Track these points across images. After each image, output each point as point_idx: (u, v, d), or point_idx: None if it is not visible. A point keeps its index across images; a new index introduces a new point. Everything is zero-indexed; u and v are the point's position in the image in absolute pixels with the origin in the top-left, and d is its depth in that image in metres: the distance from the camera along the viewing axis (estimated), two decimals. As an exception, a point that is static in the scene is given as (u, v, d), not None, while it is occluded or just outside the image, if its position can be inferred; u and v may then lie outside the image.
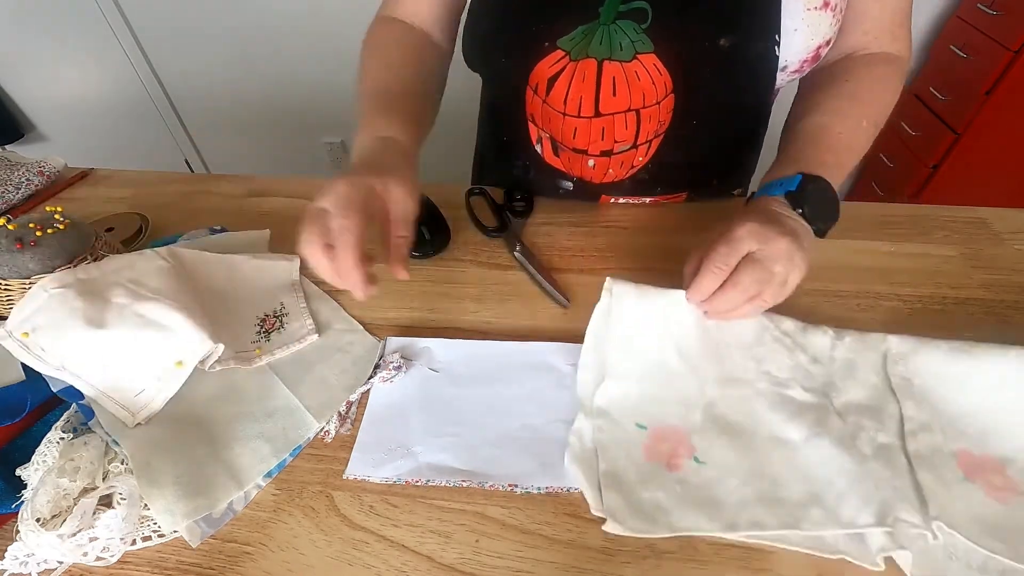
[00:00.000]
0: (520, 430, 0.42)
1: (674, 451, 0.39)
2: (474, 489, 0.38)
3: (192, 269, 0.49)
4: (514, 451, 0.40)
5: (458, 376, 0.46)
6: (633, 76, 0.50)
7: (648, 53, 0.50)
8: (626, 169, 0.59)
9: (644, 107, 0.52)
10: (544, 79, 0.53)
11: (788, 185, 0.46)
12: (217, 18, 1.70)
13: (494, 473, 0.39)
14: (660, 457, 0.39)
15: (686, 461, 0.38)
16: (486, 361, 0.47)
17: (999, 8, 1.33)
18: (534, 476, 0.39)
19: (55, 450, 0.37)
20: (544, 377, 0.45)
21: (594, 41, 0.50)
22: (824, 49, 0.51)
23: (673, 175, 0.61)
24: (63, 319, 0.40)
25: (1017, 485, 0.36)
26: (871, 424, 0.39)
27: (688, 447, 0.39)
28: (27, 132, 2.08)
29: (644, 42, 0.49)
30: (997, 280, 0.53)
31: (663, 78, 0.51)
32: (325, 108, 1.89)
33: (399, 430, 0.42)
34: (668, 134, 0.55)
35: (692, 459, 0.38)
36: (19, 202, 0.68)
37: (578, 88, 0.52)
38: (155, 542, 0.36)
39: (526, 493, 0.38)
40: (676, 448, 0.39)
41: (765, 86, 0.52)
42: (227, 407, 0.43)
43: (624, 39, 0.49)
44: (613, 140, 0.55)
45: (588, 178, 0.60)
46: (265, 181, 0.71)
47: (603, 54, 0.50)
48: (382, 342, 0.49)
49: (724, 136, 0.60)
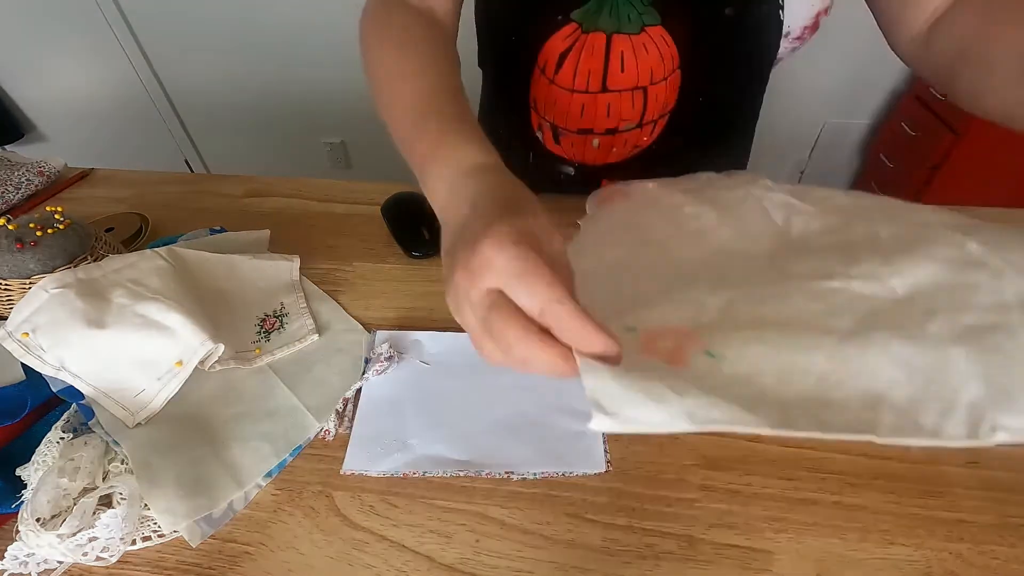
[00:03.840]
0: (513, 418, 0.42)
1: (678, 345, 0.27)
2: (474, 489, 0.38)
3: (192, 269, 0.49)
4: (508, 439, 0.41)
5: (449, 368, 0.46)
6: (641, 49, 0.51)
7: (656, 25, 0.51)
8: (629, 148, 0.59)
9: (652, 83, 0.53)
10: (555, 55, 0.53)
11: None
12: (217, 18, 1.70)
13: (490, 462, 0.39)
14: (658, 354, 0.27)
15: (695, 356, 0.26)
16: (476, 352, 0.47)
17: (999, 8, 1.33)
18: (530, 463, 0.39)
19: (55, 450, 0.37)
20: None
21: (603, 14, 0.51)
22: (822, 16, 0.52)
23: (676, 157, 0.61)
24: (63, 319, 0.40)
25: None
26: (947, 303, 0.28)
27: (696, 340, 0.27)
28: (27, 132, 2.08)
29: (651, 14, 0.50)
30: (997, 280, 0.52)
31: (670, 51, 0.51)
32: (325, 108, 1.89)
33: (394, 424, 0.42)
34: (674, 114, 0.56)
35: (704, 353, 0.26)
36: (19, 202, 0.68)
37: (587, 62, 0.53)
38: (155, 542, 0.36)
39: (522, 479, 0.38)
40: (681, 343, 0.27)
41: (769, 53, 0.53)
42: (227, 407, 0.43)
43: (632, 11, 0.50)
44: (619, 118, 0.56)
45: (591, 161, 0.61)
46: (265, 181, 0.71)
47: (612, 27, 0.51)
48: (371, 335, 0.49)
49: (727, 116, 0.60)
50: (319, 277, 0.56)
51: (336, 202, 0.67)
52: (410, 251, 0.57)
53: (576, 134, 0.58)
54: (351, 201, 0.67)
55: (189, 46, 1.78)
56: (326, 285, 0.55)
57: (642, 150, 0.59)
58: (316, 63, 1.76)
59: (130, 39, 1.78)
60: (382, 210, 0.62)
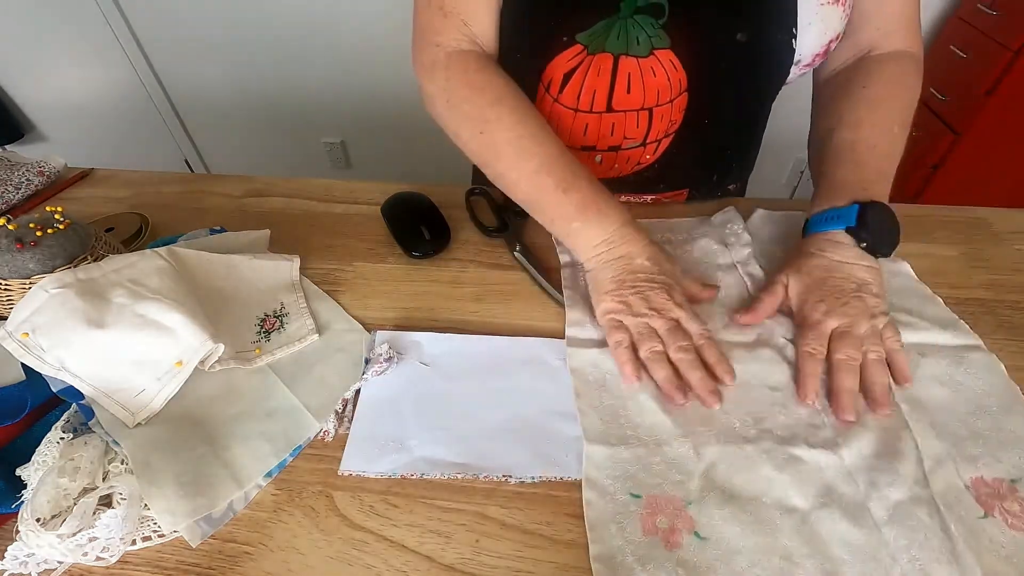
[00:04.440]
0: (512, 421, 0.42)
1: (672, 526, 0.35)
2: (474, 489, 0.38)
3: (192, 269, 0.49)
4: (507, 442, 0.41)
5: (448, 370, 0.46)
6: (649, 72, 0.51)
7: (665, 49, 0.50)
8: (632, 165, 0.59)
9: (658, 105, 0.52)
10: (559, 75, 0.53)
11: (847, 218, 0.46)
12: (217, 18, 1.70)
13: (488, 464, 0.39)
14: (658, 533, 0.35)
15: (686, 537, 0.34)
16: (476, 355, 0.47)
17: (999, 8, 1.33)
18: (528, 466, 0.39)
19: (55, 450, 0.37)
20: (534, 370, 0.46)
21: (611, 36, 0.50)
22: (834, 43, 0.52)
23: (678, 173, 0.61)
24: (63, 319, 0.40)
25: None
26: (884, 478, 0.37)
27: (687, 520, 0.35)
28: (27, 132, 2.08)
29: (661, 37, 0.49)
30: (997, 280, 0.53)
31: (678, 75, 0.51)
32: (325, 108, 1.89)
33: (392, 425, 0.42)
34: (678, 133, 0.56)
35: (693, 535, 0.35)
36: (19, 202, 0.68)
37: (592, 83, 0.52)
38: (155, 542, 0.36)
39: (520, 482, 0.38)
40: (674, 523, 0.35)
41: (779, 80, 0.53)
42: (227, 407, 0.43)
43: (641, 34, 0.49)
44: (623, 136, 0.55)
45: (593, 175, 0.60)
46: (265, 181, 0.71)
47: (620, 49, 0.50)
48: (371, 336, 0.49)
49: (731, 134, 0.60)
50: (319, 277, 0.56)
51: (336, 202, 0.67)
52: (410, 251, 0.57)
53: (579, 150, 0.58)
54: (351, 201, 0.67)
55: (189, 46, 1.78)
56: (326, 285, 0.55)
57: (645, 167, 0.59)
58: (316, 63, 1.76)
59: (130, 39, 1.78)
60: (382, 210, 0.62)
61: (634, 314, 0.45)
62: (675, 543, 0.34)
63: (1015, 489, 0.36)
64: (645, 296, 0.46)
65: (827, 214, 0.48)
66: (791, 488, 0.37)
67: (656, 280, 0.46)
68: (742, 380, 0.43)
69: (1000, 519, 0.35)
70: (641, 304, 0.45)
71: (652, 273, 0.47)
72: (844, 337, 0.43)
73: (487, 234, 0.60)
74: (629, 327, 0.45)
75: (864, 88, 0.53)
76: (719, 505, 0.36)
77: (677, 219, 0.60)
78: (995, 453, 0.38)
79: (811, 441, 0.39)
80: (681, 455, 0.39)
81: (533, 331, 0.49)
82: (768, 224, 0.59)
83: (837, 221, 0.47)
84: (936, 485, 0.36)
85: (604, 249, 0.48)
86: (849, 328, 0.43)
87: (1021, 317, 0.49)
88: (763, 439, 0.39)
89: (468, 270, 0.56)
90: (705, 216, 0.60)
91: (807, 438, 0.39)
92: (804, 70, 0.53)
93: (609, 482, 0.37)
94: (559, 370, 0.45)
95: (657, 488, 0.37)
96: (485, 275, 0.56)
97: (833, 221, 0.47)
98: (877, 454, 0.38)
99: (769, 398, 0.42)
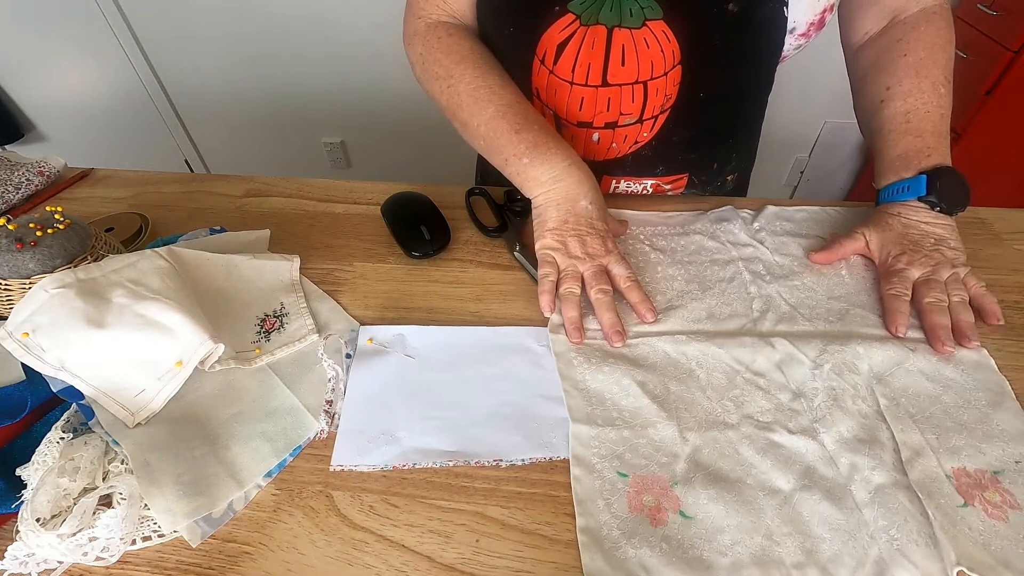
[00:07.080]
0: (500, 407, 0.43)
1: (657, 504, 0.36)
2: (474, 489, 0.38)
3: (192, 269, 0.49)
4: (496, 428, 0.41)
5: (434, 361, 0.46)
6: (642, 44, 0.51)
7: (657, 19, 0.51)
8: (629, 144, 0.59)
9: (652, 78, 0.53)
10: (553, 46, 0.54)
11: (917, 189, 0.50)
12: (217, 18, 1.70)
13: (479, 451, 0.40)
14: (644, 511, 0.36)
15: (672, 516, 0.35)
16: (460, 345, 0.48)
17: (999, 8, 1.33)
18: (518, 449, 0.40)
19: (55, 450, 0.37)
20: (518, 357, 0.46)
21: (604, 7, 0.51)
22: (828, 14, 0.52)
23: (676, 154, 0.61)
24: (63, 319, 0.40)
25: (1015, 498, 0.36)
26: (866, 462, 0.37)
27: (673, 500, 0.36)
28: (27, 132, 2.07)
29: (653, 8, 0.50)
30: (997, 280, 0.53)
31: (671, 46, 0.51)
32: (325, 108, 1.89)
33: (381, 417, 0.42)
34: (674, 110, 0.56)
35: (678, 513, 0.36)
36: (19, 202, 0.68)
37: (587, 55, 0.53)
38: (155, 542, 0.36)
39: (511, 465, 0.39)
40: (660, 501, 0.36)
41: (773, 51, 0.53)
42: (227, 407, 0.43)
43: (634, 5, 0.50)
44: (619, 112, 0.55)
45: (591, 155, 0.60)
46: (265, 181, 0.71)
47: (613, 20, 0.51)
48: (355, 330, 0.49)
49: (728, 113, 0.60)
50: (319, 277, 0.56)
51: (336, 202, 0.67)
52: (410, 251, 0.57)
53: (576, 127, 0.58)
54: (351, 201, 0.67)
55: (189, 46, 1.78)
56: (326, 285, 0.55)
57: (642, 146, 0.59)
58: (316, 63, 1.76)
59: (130, 39, 1.78)
60: (382, 210, 0.62)
61: (568, 255, 0.50)
62: (661, 520, 0.35)
63: (997, 480, 0.37)
64: (583, 240, 0.50)
65: (896, 186, 0.51)
66: (774, 471, 0.38)
67: (595, 227, 0.51)
68: (727, 366, 0.44)
69: (980, 508, 0.35)
70: (577, 247, 0.50)
71: (592, 219, 0.51)
72: (929, 283, 0.47)
73: (487, 234, 0.60)
74: (559, 264, 0.50)
75: (905, 56, 0.54)
76: (704, 486, 0.37)
77: (675, 212, 0.61)
78: (979, 445, 0.39)
79: (790, 427, 0.40)
80: (667, 438, 0.40)
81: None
82: (779, 219, 0.60)
83: (908, 192, 0.50)
84: (913, 474, 0.37)
85: (551, 186, 0.52)
86: (932, 275, 0.47)
87: (1020, 317, 0.49)
88: (744, 424, 0.41)
89: (468, 270, 0.56)
90: (701, 211, 0.61)
91: (787, 424, 0.41)
92: (799, 40, 0.53)
93: (596, 460, 0.39)
94: (543, 355, 0.46)
95: (643, 468, 0.38)
96: (485, 275, 0.56)
97: (904, 192, 0.50)
98: (858, 439, 0.39)
99: (753, 383, 0.44)
